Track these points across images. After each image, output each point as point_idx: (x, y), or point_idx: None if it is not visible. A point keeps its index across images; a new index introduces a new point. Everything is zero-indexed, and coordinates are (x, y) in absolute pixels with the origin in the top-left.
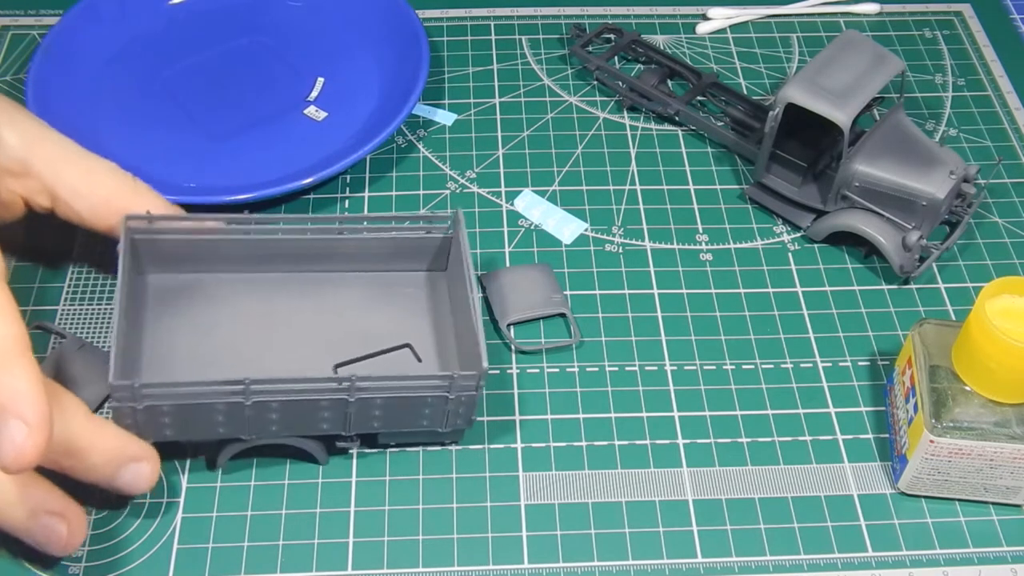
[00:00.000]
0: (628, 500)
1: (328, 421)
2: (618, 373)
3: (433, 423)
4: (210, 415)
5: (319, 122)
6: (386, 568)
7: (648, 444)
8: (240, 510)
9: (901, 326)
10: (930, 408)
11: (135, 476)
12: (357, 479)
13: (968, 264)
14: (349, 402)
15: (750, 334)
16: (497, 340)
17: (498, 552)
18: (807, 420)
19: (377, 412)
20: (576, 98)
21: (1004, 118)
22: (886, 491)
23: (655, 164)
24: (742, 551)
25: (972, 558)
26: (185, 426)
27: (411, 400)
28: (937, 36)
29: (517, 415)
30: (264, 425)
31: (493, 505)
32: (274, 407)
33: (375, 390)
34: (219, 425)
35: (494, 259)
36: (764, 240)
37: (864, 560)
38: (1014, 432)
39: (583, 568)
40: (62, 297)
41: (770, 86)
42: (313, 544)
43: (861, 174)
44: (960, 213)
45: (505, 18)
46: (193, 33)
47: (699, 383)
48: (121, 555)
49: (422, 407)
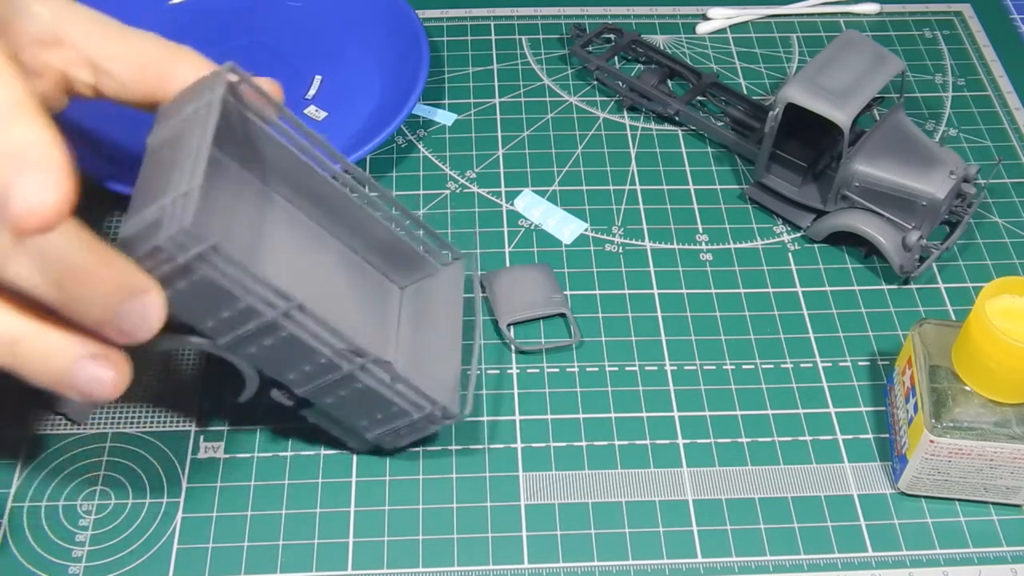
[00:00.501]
0: (628, 500)
1: (301, 375)
2: (618, 373)
3: (373, 427)
4: (233, 312)
5: (319, 122)
6: (386, 568)
7: (648, 444)
8: (240, 510)
9: (901, 326)
10: (930, 408)
11: (143, 312)
12: (357, 479)
13: (968, 264)
14: (343, 374)
15: (750, 334)
16: (497, 340)
17: (498, 552)
18: (807, 420)
19: (343, 392)
20: (576, 98)
21: (1004, 118)
22: (886, 491)
23: (655, 164)
24: (742, 551)
25: (972, 558)
26: (203, 315)
27: (383, 401)
28: (937, 36)
29: (517, 415)
30: (253, 345)
31: (493, 505)
32: (283, 337)
33: (374, 380)
34: (232, 323)
35: (494, 259)
36: (764, 240)
37: (864, 560)
38: (1014, 432)
39: (583, 568)
40: None
41: (770, 86)
42: (313, 544)
43: (861, 174)
44: (960, 213)
45: (505, 18)
46: (193, 33)
47: (699, 383)
48: (121, 555)
49: (382, 410)
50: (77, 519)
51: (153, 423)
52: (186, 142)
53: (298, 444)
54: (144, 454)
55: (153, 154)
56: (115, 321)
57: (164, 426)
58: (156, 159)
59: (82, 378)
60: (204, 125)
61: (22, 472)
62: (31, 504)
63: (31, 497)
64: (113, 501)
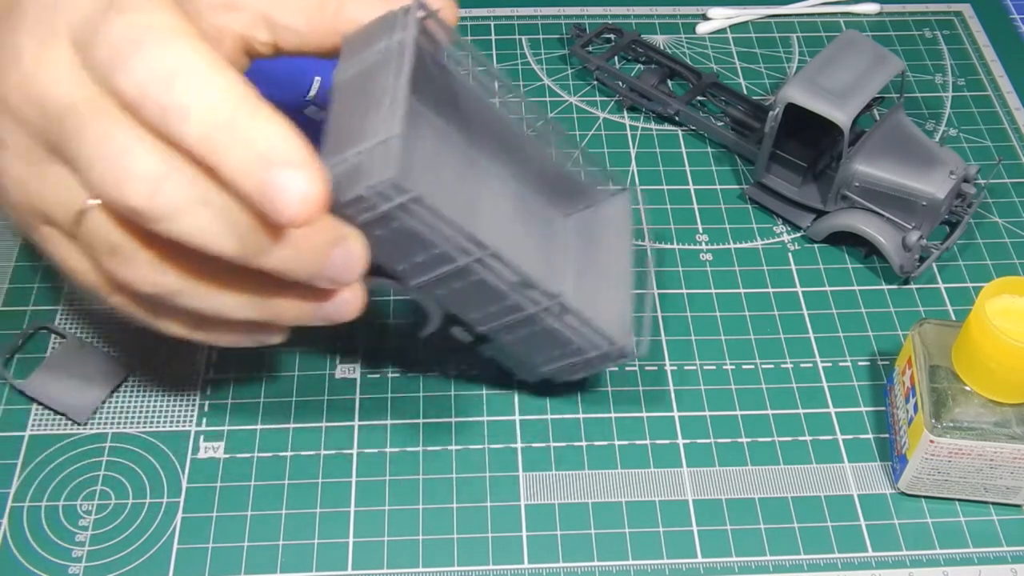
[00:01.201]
0: (628, 500)
1: (484, 315)
2: (619, 373)
3: (548, 363)
4: (427, 257)
5: (319, 122)
6: (386, 568)
7: (648, 444)
8: (240, 510)
9: (901, 326)
10: (930, 408)
11: (346, 257)
12: (357, 479)
13: (968, 264)
14: (526, 315)
15: (750, 334)
16: None
17: (498, 552)
18: (807, 420)
19: (523, 331)
20: (576, 98)
21: (1004, 118)
22: (886, 491)
23: (655, 164)
24: (742, 551)
25: (972, 558)
26: (397, 259)
27: (562, 340)
28: (937, 36)
29: (517, 415)
30: (443, 287)
31: (493, 505)
32: (473, 281)
33: (556, 322)
34: (425, 267)
35: None
36: (764, 240)
37: (864, 560)
38: (1014, 432)
39: (583, 568)
40: (62, 297)
41: (770, 86)
42: (313, 544)
43: (861, 174)
44: (960, 213)
45: (505, 18)
46: None
47: (699, 383)
48: (121, 555)
49: (560, 348)
50: (77, 519)
51: (153, 423)
52: (380, 81)
53: (298, 444)
54: (144, 454)
55: (343, 90)
56: (321, 271)
57: (164, 426)
58: (347, 96)
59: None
60: (398, 66)
61: (22, 472)
62: (31, 504)
63: (31, 497)
64: (113, 501)
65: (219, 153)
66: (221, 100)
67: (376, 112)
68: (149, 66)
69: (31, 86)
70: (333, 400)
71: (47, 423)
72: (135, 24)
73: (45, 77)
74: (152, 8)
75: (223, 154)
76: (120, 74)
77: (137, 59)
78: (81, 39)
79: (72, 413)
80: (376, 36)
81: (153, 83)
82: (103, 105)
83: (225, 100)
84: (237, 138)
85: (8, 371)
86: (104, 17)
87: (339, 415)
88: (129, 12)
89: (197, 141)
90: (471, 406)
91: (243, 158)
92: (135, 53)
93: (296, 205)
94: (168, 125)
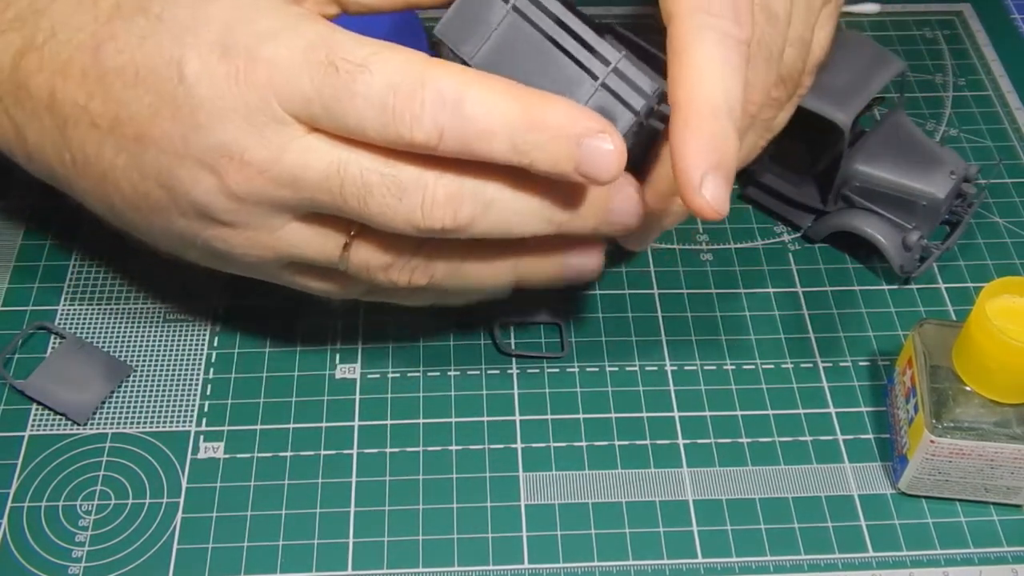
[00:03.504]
0: (628, 500)
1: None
2: (618, 373)
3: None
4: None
5: None
6: (386, 568)
7: (648, 444)
8: (240, 510)
9: (901, 326)
10: (930, 408)
11: (626, 198)
12: (357, 479)
13: (968, 264)
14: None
15: (750, 334)
16: (489, 341)
17: (498, 552)
18: (807, 420)
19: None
20: None
21: (1004, 118)
22: (886, 491)
23: None
24: (742, 551)
25: (972, 558)
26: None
27: None
28: (937, 36)
29: (517, 415)
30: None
31: (493, 505)
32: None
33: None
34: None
35: None
36: (764, 240)
37: (864, 560)
38: (1014, 432)
39: (583, 568)
40: (62, 297)
41: None
42: (313, 544)
43: (861, 174)
44: (960, 213)
45: None
46: None
47: (699, 383)
48: (121, 555)
49: None
50: (77, 519)
51: (153, 423)
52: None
53: (298, 444)
54: (144, 454)
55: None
56: (607, 217)
57: (164, 426)
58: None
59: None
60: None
61: (22, 472)
62: (31, 504)
63: (31, 497)
64: (113, 501)
65: (531, 154)
66: (507, 107)
67: (560, 55)
68: (432, 111)
69: (278, 172)
70: (333, 400)
71: (47, 423)
72: (388, 79)
73: (292, 161)
74: (388, 55)
75: (535, 152)
76: (402, 127)
77: (419, 109)
78: (312, 114)
79: (72, 413)
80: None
81: (448, 124)
82: (367, 162)
83: (510, 105)
84: (541, 135)
85: (8, 371)
86: (339, 85)
87: (339, 415)
88: (369, 73)
89: (506, 154)
90: (471, 406)
91: (553, 148)
92: (410, 103)
93: (614, 164)
94: (473, 152)
